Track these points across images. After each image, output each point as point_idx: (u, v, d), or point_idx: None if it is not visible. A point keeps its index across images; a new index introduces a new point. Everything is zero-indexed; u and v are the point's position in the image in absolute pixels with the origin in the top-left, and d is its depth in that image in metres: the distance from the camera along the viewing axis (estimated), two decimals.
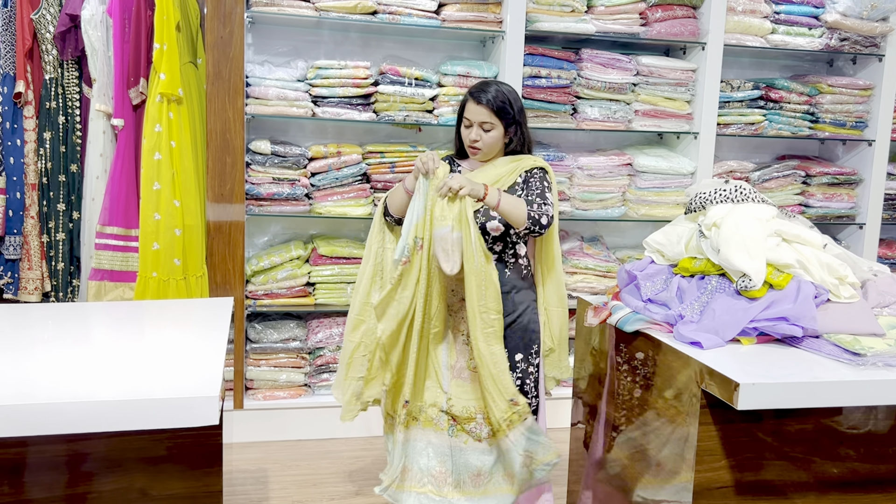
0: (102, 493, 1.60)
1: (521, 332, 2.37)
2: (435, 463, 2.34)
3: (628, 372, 2.13)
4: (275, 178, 3.35)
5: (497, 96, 2.32)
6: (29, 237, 3.23)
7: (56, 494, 1.59)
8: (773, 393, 1.67)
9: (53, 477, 1.59)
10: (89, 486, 1.60)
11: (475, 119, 2.33)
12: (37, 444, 1.58)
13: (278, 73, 3.31)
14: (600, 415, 2.30)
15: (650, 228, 3.99)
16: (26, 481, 1.59)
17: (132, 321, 2.21)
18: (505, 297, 2.34)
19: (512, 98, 2.37)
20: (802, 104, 3.82)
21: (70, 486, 1.60)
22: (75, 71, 3.26)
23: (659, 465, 1.95)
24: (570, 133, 3.82)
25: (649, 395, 2.02)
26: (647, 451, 2.02)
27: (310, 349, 3.49)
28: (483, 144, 2.34)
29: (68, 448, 1.59)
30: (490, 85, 2.37)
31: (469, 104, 2.35)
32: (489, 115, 2.32)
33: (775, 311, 1.93)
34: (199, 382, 1.57)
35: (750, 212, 2.06)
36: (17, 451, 1.57)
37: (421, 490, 2.33)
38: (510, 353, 2.35)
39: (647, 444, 2.02)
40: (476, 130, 2.33)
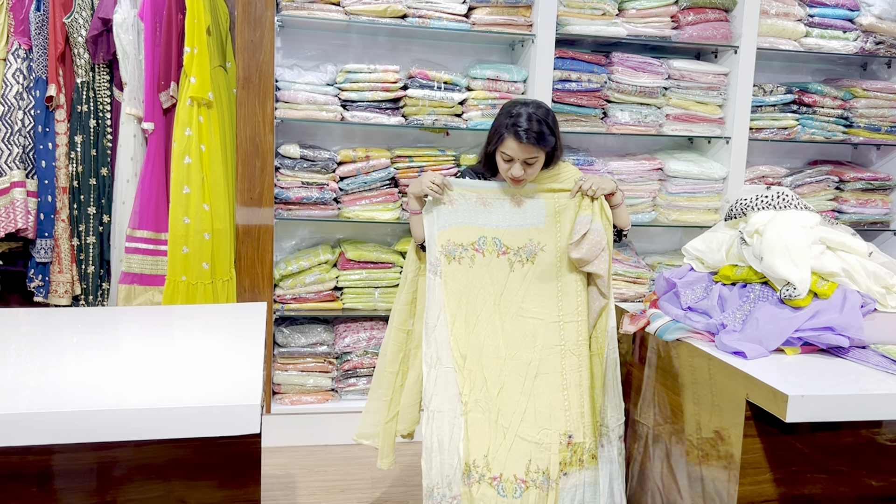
0: (143, 501, 1.59)
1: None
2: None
3: (668, 382, 2.09)
4: (304, 182, 3.34)
5: (539, 130, 2.16)
6: (59, 240, 3.24)
7: (96, 501, 1.58)
8: (823, 405, 1.63)
9: (89, 485, 1.58)
10: (127, 495, 1.59)
11: (519, 157, 2.18)
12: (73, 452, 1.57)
13: (307, 77, 3.30)
14: (641, 426, 2.26)
15: (679, 234, 3.97)
16: (63, 488, 1.58)
17: (167, 326, 2.20)
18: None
19: (551, 123, 2.23)
20: (836, 108, 3.76)
21: (107, 494, 1.59)
22: (106, 75, 3.27)
23: (701, 477, 1.92)
24: (599, 137, 3.79)
25: (689, 406, 1.98)
26: (688, 462, 1.98)
27: (337, 354, 3.48)
28: (527, 176, 2.22)
29: (105, 455, 1.58)
30: (526, 115, 2.19)
31: (509, 141, 2.18)
32: (534, 150, 2.18)
33: (821, 320, 1.88)
34: (240, 390, 1.56)
35: (793, 219, 2.02)
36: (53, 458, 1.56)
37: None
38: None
39: (687, 455, 1.98)
40: (519, 167, 2.19)
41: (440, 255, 2.22)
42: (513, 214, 2.25)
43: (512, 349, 2.18)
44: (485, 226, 2.23)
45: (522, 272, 2.21)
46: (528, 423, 2.10)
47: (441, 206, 2.24)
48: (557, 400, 2.11)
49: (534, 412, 2.11)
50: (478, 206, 2.26)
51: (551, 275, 2.21)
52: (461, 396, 2.12)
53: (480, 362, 2.16)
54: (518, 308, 2.20)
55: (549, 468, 2.08)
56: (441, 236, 2.23)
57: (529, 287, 2.21)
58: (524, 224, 2.24)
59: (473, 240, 2.23)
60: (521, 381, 2.14)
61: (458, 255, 2.23)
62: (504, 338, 2.18)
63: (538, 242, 2.23)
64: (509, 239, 2.23)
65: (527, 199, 2.26)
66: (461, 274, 2.22)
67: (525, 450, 2.09)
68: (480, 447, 2.10)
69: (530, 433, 2.09)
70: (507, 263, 2.22)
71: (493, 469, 2.09)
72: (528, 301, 2.20)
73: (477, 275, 2.22)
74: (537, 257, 2.22)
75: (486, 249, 2.23)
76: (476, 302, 2.21)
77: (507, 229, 2.24)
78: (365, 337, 3.46)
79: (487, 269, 2.23)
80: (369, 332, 3.48)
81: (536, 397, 2.12)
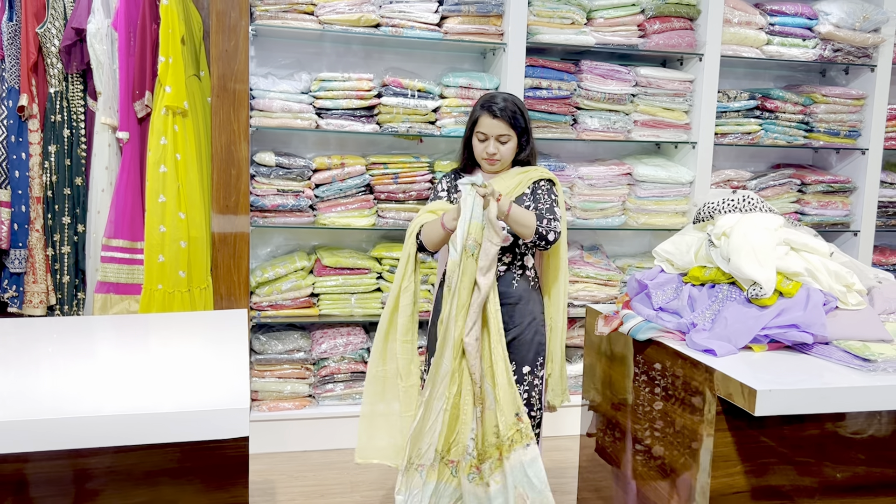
0: None
1: (528, 343, 2.40)
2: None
3: (642, 381, 2.16)
4: (279, 189, 3.37)
5: (509, 107, 2.37)
6: (34, 251, 3.23)
7: None
8: (790, 399, 1.70)
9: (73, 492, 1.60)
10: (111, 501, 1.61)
11: (492, 132, 2.36)
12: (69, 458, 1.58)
13: (282, 86, 3.33)
14: (613, 424, 2.33)
15: (649, 237, 4.06)
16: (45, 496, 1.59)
17: (145, 334, 2.22)
18: (513, 308, 2.37)
19: (521, 107, 2.43)
20: (797, 114, 3.89)
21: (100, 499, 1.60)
22: (80, 84, 3.27)
23: (674, 471, 1.98)
24: (569, 143, 3.87)
25: (662, 403, 2.05)
26: (662, 457, 2.05)
27: (314, 360, 3.50)
28: (501, 156, 2.39)
29: (98, 461, 1.60)
30: (499, 96, 2.41)
31: (483, 118, 2.37)
32: (505, 127, 2.36)
33: (786, 318, 1.96)
34: (228, 394, 1.59)
35: (759, 221, 2.10)
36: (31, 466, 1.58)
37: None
38: (517, 365, 2.37)
39: (661, 451, 2.05)
40: (493, 143, 2.37)
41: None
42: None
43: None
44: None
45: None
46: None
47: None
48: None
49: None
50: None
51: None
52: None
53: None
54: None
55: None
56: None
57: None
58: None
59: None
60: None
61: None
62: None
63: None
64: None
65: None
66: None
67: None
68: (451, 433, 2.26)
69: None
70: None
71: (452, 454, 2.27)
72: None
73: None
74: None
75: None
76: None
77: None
78: (342, 343, 3.49)
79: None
80: (346, 337, 3.51)
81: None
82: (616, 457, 2.33)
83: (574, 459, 3.31)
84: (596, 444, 2.47)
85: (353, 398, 3.54)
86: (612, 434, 2.36)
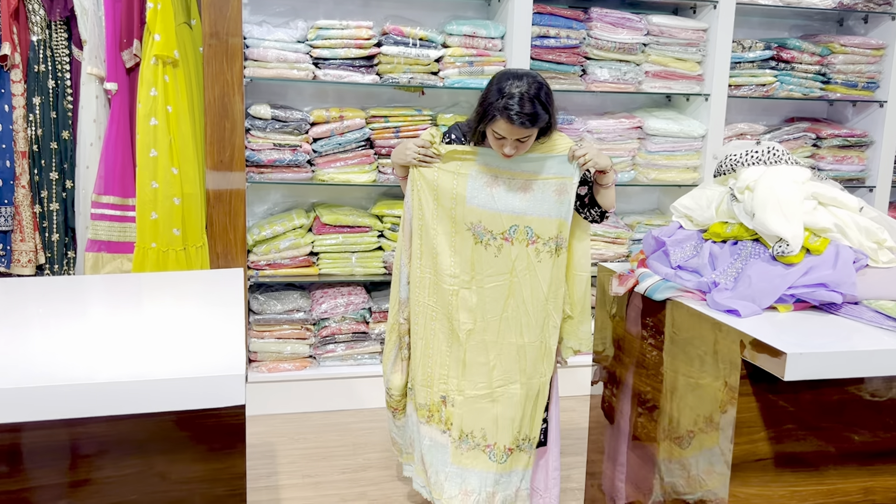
0: (122, 477, 1.51)
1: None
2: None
3: (657, 342, 2.06)
4: (276, 143, 3.23)
5: (532, 111, 2.02)
6: (21, 207, 3.10)
7: (74, 479, 1.50)
8: (821, 363, 1.60)
9: (63, 462, 1.50)
10: (103, 472, 1.52)
11: (510, 136, 2.06)
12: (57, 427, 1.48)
13: (277, 34, 3.17)
14: (626, 386, 2.24)
15: (658, 193, 3.94)
16: (37, 466, 1.50)
17: (139, 295, 2.11)
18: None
19: (544, 99, 2.06)
20: (814, 64, 3.73)
21: (82, 472, 1.51)
22: (64, 32, 3.11)
23: (693, 436, 1.90)
24: (577, 95, 3.72)
25: (681, 366, 1.95)
26: (680, 423, 1.96)
27: (314, 320, 3.41)
28: (519, 153, 2.12)
29: (79, 431, 1.50)
30: (522, 99, 2.02)
31: (501, 123, 2.04)
32: (527, 132, 2.07)
33: (813, 277, 1.86)
34: (223, 360, 1.48)
35: (785, 174, 1.98)
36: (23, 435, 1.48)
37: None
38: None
39: (679, 415, 1.96)
40: (511, 146, 2.08)
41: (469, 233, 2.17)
42: (539, 201, 2.16)
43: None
44: (516, 213, 2.15)
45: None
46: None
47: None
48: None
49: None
50: (498, 188, 2.16)
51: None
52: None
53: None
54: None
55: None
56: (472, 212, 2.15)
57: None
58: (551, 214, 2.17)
59: (504, 228, 2.17)
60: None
61: (486, 242, 2.17)
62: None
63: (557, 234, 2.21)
64: (538, 227, 2.17)
65: (535, 183, 2.15)
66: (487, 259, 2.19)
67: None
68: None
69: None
70: (534, 252, 2.18)
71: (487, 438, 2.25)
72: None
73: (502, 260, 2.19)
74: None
75: (515, 238, 2.17)
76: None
77: (536, 217, 2.17)
78: (343, 302, 3.39)
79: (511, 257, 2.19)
80: (347, 297, 3.41)
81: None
82: (628, 421, 2.24)
83: (582, 420, 3.25)
84: (607, 406, 2.38)
85: (354, 359, 3.46)
86: (624, 397, 2.27)
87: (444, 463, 2.26)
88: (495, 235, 2.15)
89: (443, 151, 2.18)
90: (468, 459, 2.23)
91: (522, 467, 2.26)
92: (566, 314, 2.36)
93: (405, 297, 2.28)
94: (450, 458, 2.25)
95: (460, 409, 2.23)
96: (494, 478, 2.23)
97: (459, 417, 2.23)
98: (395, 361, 2.33)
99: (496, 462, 2.22)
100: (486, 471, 2.23)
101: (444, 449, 2.27)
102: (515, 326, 2.19)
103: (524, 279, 2.16)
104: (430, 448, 2.29)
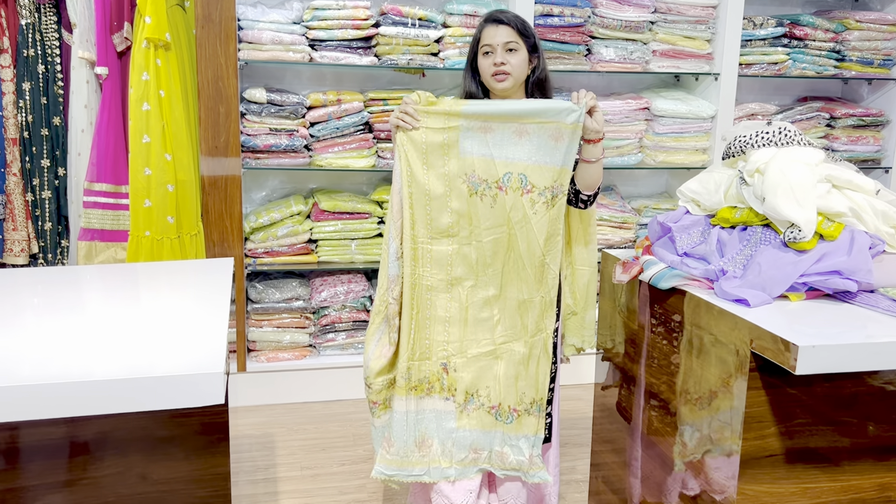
0: (99, 479, 1.45)
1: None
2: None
3: (664, 333, 1.98)
4: (272, 128, 3.15)
5: (516, 16, 2.10)
6: (12, 196, 3.04)
7: (48, 481, 1.44)
8: (836, 355, 1.51)
9: (45, 462, 1.44)
10: (85, 472, 1.46)
11: (498, 41, 2.05)
12: (26, 428, 1.43)
13: (272, 16, 3.08)
14: (630, 378, 2.16)
15: (666, 176, 3.84)
16: (16, 467, 1.44)
17: (127, 286, 2.04)
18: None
19: (528, 23, 2.13)
20: (828, 41, 3.61)
21: (64, 472, 1.45)
22: (53, 15, 3.03)
23: (701, 432, 1.82)
24: (582, 76, 3.61)
25: (688, 358, 1.87)
26: (686, 417, 1.88)
27: (314, 309, 3.34)
28: (511, 67, 2.06)
29: (60, 431, 1.44)
30: (506, 11, 2.13)
31: (487, 29, 2.09)
32: (513, 34, 2.06)
33: (827, 264, 1.76)
34: (202, 357, 1.41)
35: (797, 156, 1.88)
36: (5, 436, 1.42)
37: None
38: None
39: (685, 409, 1.88)
40: (501, 53, 2.05)
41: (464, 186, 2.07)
42: (540, 148, 2.04)
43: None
44: (512, 160, 2.05)
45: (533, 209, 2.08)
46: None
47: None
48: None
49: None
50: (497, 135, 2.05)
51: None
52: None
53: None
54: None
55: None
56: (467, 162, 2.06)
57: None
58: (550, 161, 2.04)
59: (498, 176, 2.06)
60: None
61: (482, 192, 2.07)
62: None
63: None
64: (535, 176, 2.06)
65: (529, 126, 2.03)
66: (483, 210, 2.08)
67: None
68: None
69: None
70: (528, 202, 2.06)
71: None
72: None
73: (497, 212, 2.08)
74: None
75: (509, 187, 2.06)
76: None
77: (534, 165, 2.05)
78: (343, 291, 3.32)
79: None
80: (347, 285, 3.33)
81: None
82: (633, 413, 2.17)
83: (587, 409, 3.17)
84: (612, 397, 2.31)
85: (354, 348, 3.39)
86: (629, 388, 2.19)
87: (450, 430, 2.17)
88: (490, 184, 2.05)
89: (427, 108, 2.05)
90: (474, 420, 2.15)
91: (532, 433, 2.15)
92: (569, 309, 2.26)
93: (395, 273, 2.15)
94: (455, 422, 2.16)
95: (462, 371, 2.14)
96: (502, 437, 2.15)
97: (463, 380, 2.14)
98: (378, 346, 2.20)
99: (503, 422, 2.14)
100: (493, 430, 2.15)
101: (450, 415, 2.17)
102: (515, 280, 2.10)
103: (520, 232, 2.06)
104: (434, 419, 2.18)
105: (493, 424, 2.15)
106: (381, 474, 2.15)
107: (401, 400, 2.16)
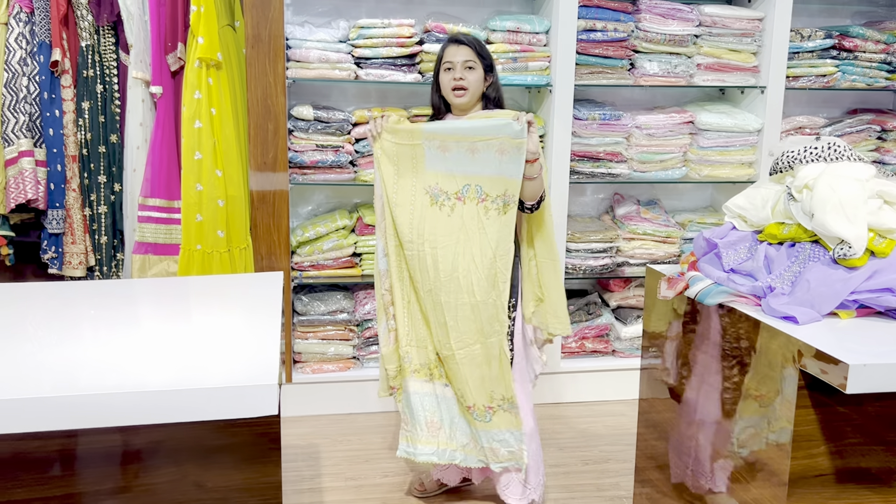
0: (155, 486, 1.50)
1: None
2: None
3: (710, 350, 1.97)
4: (318, 145, 3.21)
5: (476, 39, 2.44)
6: (71, 211, 3.15)
7: (105, 487, 1.50)
8: (887, 374, 1.49)
9: (102, 469, 1.50)
10: (140, 479, 1.51)
11: (457, 59, 2.37)
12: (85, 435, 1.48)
13: (319, 34, 3.15)
14: (676, 395, 2.15)
15: (711, 190, 3.81)
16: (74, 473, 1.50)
17: (182, 299, 2.10)
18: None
19: (483, 44, 2.46)
20: (879, 53, 3.55)
21: (120, 479, 1.50)
22: (111, 37, 3.14)
23: (748, 450, 1.80)
24: (624, 90, 3.61)
25: (735, 376, 1.86)
26: (734, 435, 1.87)
27: (358, 321, 3.39)
28: (468, 83, 2.37)
29: (117, 438, 1.49)
30: (464, 34, 2.71)
31: (450, 48, 2.40)
32: (470, 53, 2.38)
33: (878, 281, 1.74)
34: (257, 369, 1.46)
35: (847, 171, 1.86)
36: (64, 442, 1.48)
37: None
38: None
39: (733, 428, 1.87)
40: (460, 69, 2.37)
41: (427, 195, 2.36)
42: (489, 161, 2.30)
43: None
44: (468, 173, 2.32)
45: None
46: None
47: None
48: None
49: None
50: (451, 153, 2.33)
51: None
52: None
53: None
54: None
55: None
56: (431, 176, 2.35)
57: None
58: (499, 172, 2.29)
59: (458, 188, 2.33)
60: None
61: (441, 202, 2.34)
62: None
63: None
64: (488, 186, 2.31)
65: (478, 143, 2.29)
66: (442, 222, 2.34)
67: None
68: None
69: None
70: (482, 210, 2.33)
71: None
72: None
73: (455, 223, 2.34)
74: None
75: (468, 197, 2.33)
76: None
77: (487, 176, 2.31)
78: None
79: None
80: None
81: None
82: (677, 430, 2.15)
83: (630, 425, 3.15)
84: (657, 414, 2.29)
85: None
86: (675, 406, 2.18)
87: (453, 416, 2.44)
88: (450, 196, 2.32)
89: (393, 124, 2.35)
90: (468, 414, 2.41)
91: (513, 427, 2.38)
92: (538, 297, 2.47)
93: (383, 268, 2.43)
94: (457, 409, 2.43)
95: (444, 367, 2.42)
96: (487, 434, 2.39)
97: (447, 376, 2.43)
98: (384, 334, 2.45)
99: (482, 421, 2.38)
100: (476, 428, 2.41)
101: (452, 401, 2.44)
102: (466, 285, 2.31)
103: (473, 237, 2.30)
104: (437, 403, 2.45)
105: (474, 423, 2.39)
106: (402, 452, 2.46)
107: (408, 381, 2.45)
